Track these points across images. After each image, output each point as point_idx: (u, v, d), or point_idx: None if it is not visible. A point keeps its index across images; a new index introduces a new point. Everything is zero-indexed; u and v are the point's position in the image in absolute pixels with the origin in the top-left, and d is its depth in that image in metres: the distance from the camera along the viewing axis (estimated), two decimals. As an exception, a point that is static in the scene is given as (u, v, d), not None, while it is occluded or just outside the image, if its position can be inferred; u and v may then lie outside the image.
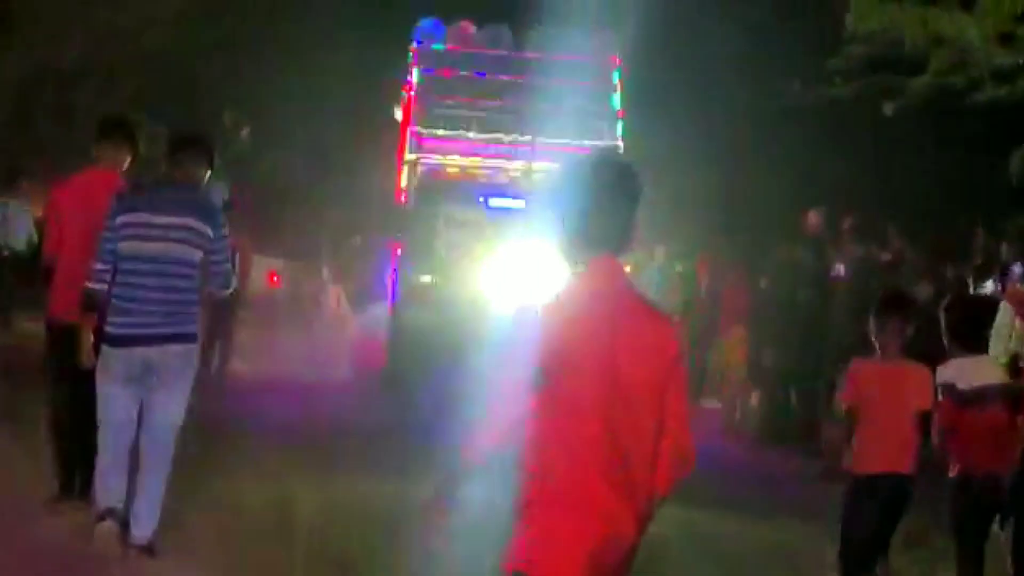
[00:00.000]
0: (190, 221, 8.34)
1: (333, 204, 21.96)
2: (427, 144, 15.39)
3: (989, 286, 14.09)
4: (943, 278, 13.83)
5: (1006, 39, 13.20)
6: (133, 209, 8.34)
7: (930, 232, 14.47)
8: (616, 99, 15.79)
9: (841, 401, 9.67)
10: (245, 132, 21.20)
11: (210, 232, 8.41)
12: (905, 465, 8.19)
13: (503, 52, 16.03)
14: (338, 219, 21.92)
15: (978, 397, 8.55)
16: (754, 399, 14.98)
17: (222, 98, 21.20)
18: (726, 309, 15.73)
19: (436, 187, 15.08)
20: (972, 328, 8.74)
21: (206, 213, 8.51)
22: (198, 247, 8.36)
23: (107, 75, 20.29)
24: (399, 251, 15.40)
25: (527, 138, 15.24)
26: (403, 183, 15.88)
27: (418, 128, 15.37)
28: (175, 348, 8.37)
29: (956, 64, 13.49)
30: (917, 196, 14.19)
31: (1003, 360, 11.08)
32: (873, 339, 8.17)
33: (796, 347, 13.24)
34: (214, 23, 20.64)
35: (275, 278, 20.21)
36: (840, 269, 13.67)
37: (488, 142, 15.49)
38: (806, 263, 13.90)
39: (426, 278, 14.50)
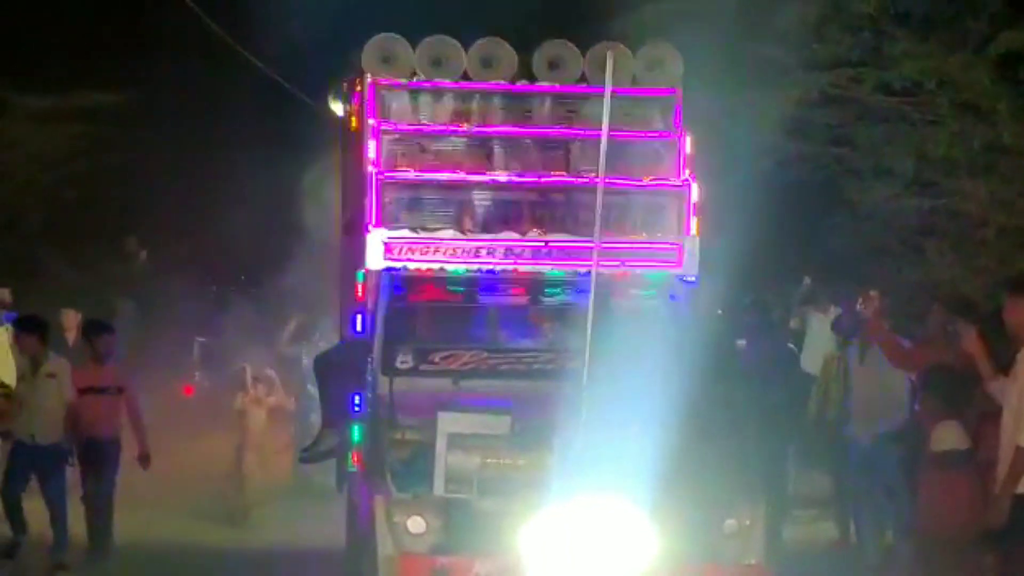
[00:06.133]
0: None
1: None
2: (396, 249, 10.59)
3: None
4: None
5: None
6: None
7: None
8: (683, 158, 10.99)
9: None
10: (144, 254, 21.13)
11: None
12: None
13: (505, 85, 11.11)
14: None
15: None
16: None
17: (124, 224, 21.49)
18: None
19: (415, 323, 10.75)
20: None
21: None
22: None
23: (11, 213, 20.56)
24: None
25: (568, 237, 10.57)
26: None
27: (383, 232, 10.57)
28: None
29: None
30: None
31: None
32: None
33: None
34: (106, 157, 21.19)
35: (190, 389, 19.16)
36: None
37: (492, 245, 10.58)
38: None
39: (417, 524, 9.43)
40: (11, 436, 13.38)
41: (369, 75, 10.99)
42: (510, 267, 10.64)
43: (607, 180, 9.69)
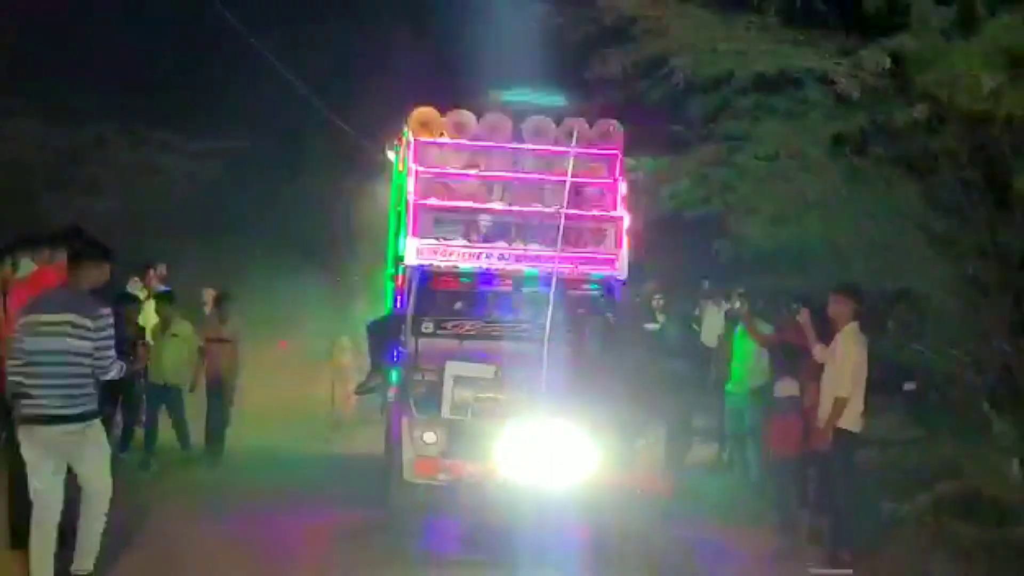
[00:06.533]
0: (70, 317, 7.36)
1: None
2: (425, 252, 11.24)
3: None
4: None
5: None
6: (31, 310, 7.51)
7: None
8: (620, 197, 11.51)
9: None
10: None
11: (89, 324, 7.36)
12: None
13: (504, 145, 11.74)
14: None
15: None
16: None
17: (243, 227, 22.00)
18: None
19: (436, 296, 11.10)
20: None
21: (86, 310, 7.38)
22: (83, 339, 7.34)
23: (166, 219, 21.05)
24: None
25: (540, 248, 11.15)
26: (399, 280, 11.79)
27: (417, 241, 11.19)
28: (71, 427, 7.44)
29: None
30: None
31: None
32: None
33: None
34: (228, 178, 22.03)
35: (284, 344, 19.07)
36: None
37: (488, 251, 11.27)
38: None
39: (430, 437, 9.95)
40: (144, 377, 13.73)
41: (411, 134, 11.60)
42: (500, 267, 11.21)
43: (568, 212, 10.87)
